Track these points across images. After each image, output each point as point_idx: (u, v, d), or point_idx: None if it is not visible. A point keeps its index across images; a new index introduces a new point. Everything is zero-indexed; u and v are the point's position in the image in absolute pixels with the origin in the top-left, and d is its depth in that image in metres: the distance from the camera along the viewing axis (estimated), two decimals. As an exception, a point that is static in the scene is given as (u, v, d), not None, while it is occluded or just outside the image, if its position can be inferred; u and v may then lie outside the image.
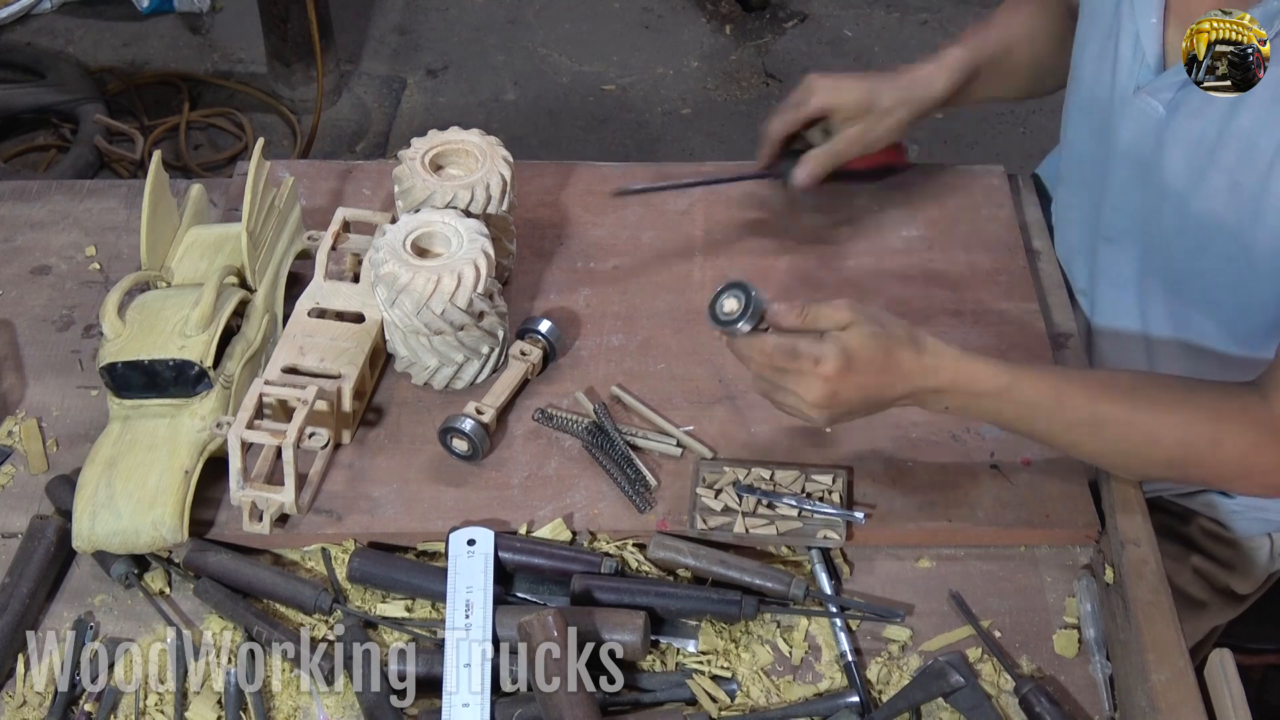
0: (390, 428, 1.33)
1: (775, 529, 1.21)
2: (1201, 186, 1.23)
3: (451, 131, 1.39)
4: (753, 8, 3.73)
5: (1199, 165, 1.22)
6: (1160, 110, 1.24)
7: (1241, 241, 1.21)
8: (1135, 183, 1.31)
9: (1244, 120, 1.17)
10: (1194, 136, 1.22)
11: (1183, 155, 1.23)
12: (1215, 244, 1.24)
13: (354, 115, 3.42)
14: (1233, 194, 1.20)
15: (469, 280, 1.24)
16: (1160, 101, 1.24)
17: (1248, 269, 1.23)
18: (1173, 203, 1.26)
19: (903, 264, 1.49)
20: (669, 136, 3.36)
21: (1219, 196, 1.21)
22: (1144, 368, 1.41)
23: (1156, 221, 1.30)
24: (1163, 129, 1.25)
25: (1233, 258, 1.23)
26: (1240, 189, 1.19)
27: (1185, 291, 1.33)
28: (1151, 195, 1.29)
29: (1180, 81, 1.21)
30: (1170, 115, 1.24)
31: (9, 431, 1.33)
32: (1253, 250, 1.21)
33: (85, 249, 1.52)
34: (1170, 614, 1.16)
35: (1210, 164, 1.21)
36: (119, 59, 3.54)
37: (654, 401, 1.34)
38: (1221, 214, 1.22)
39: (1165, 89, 1.23)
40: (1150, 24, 1.24)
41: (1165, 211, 1.28)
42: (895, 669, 1.15)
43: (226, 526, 1.24)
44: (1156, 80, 1.24)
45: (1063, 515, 1.24)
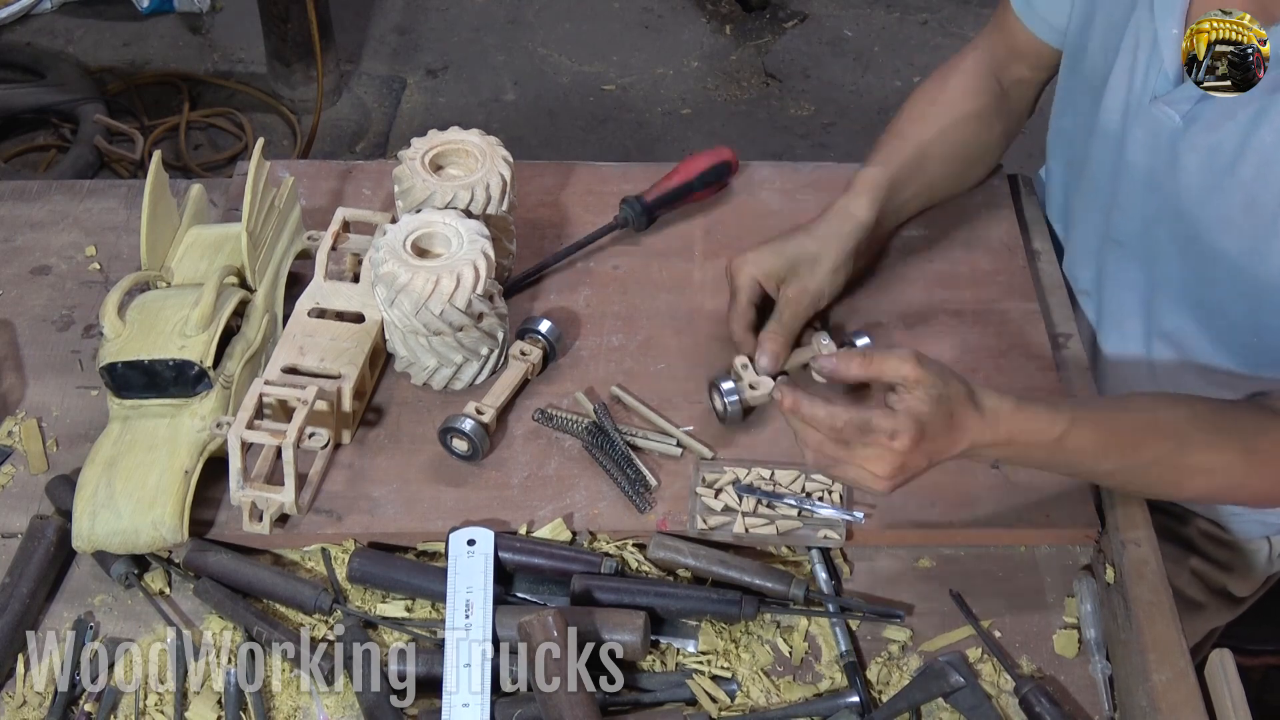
0: (390, 428, 1.33)
1: (775, 529, 1.21)
2: (1216, 200, 1.21)
3: (451, 131, 1.39)
4: (753, 8, 3.73)
5: (1215, 178, 1.20)
6: (1177, 120, 1.22)
7: (1254, 258, 1.20)
8: (1146, 191, 1.29)
9: (1265, 135, 1.14)
10: (1211, 148, 1.19)
11: (1198, 167, 1.21)
12: (1227, 258, 1.22)
13: (354, 115, 3.42)
14: (1248, 211, 1.18)
15: (468, 281, 1.24)
16: (1177, 112, 1.22)
17: (1259, 285, 1.21)
18: (1184, 214, 1.25)
19: (903, 264, 1.49)
20: (669, 136, 3.37)
21: (1234, 211, 1.19)
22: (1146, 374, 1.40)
23: (1166, 231, 1.29)
24: (1178, 139, 1.22)
25: (1244, 273, 1.22)
26: (1257, 205, 1.17)
27: (1191, 302, 1.32)
28: (1163, 205, 1.27)
29: (1199, 94, 1.18)
30: (1187, 126, 1.21)
31: (9, 431, 1.33)
32: (1267, 267, 1.19)
33: (85, 249, 1.52)
34: (1171, 614, 1.16)
35: (1228, 178, 1.18)
36: (119, 59, 3.54)
37: (654, 401, 1.34)
38: (1236, 229, 1.20)
39: (1183, 100, 1.21)
40: (1171, 34, 1.21)
41: (1176, 222, 1.26)
42: (895, 669, 1.15)
43: (226, 526, 1.23)
44: (1175, 91, 1.21)
45: (1063, 515, 1.24)
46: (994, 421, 1.06)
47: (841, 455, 1.06)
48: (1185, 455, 1.13)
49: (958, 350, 1.39)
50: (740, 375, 1.30)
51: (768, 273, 1.32)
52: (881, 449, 1.04)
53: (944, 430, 1.04)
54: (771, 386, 1.29)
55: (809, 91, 3.52)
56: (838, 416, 1.04)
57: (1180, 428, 1.13)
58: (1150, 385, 1.40)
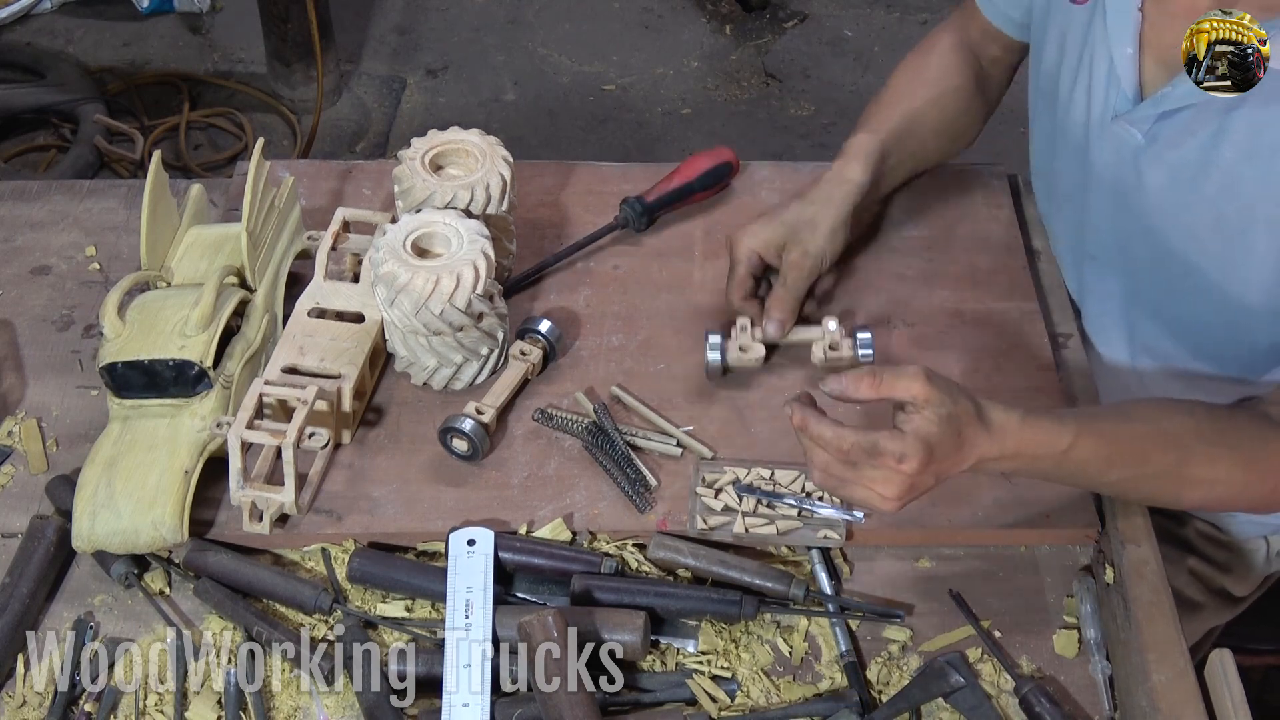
0: (390, 428, 1.33)
1: (775, 529, 1.21)
2: (1183, 215, 1.21)
3: (451, 131, 1.39)
4: (753, 8, 3.73)
5: (1180, 195, 1.20)
6: (1139, 138, 1.22)
7: (1226, 272, 1.20)
8: (1115, 208, 1.30)
9: (1226, 152, 1.15)
10: (1174, 165, 1.20)
11: (1163, 183, 1.22)
12: (1199, 272, 1.23)
13: (354, 115, 3.42)
14: (1216, 226, 1.18)
15: (468, 281, 1.24)
16: (1139, 130, 1.22)
17: (1232, 298, 1.21)
18: (1154, 229, 1.25)
19: (903, 264, 1.49)
20: (669, 136, 3.37)
21: (1201, 227, 1.20)
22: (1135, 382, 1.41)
23: (1138, 246, 1.29)
24: (1141, 155, 1.23)
25: (1216, 287, 1.22)
26: (1223, 221, 1.18)
27: (1166, 315, 1.32)
28: (1132, 221, 1.28)
29: (1157, 114, 1.19)
30: (1149, 144, 1.22)
31: (9, 431, 1.33)
32: (1238, 281, 1.20)
33: (85, 249, 1.52)
34: (1171, 614, 1.16)
35: (1193, 194, 1.19)
36: (119, 59, 3.54)
37: (654, 401, 1.34)
38: (1205, 243, 1.21)
39: (1143, 119, 1.21)
40: (1126, 54, 1.22)
41: (1146, 237, 1.27)
42: (895, 669, 1.15)
43: (226, 526, 1.23)
44: (1134, 110, 1.22)
45: (1063, 515, 1.24)
46: (1001, 437, 1.06)
47: (849, 476, 1.05)
48: (1187, 467, 1.13)
49: (957, 350, 1.39)
50: (734, 335, 1.31)
51: (767, 242, 1.34)
52: (889, 471, 1.03)
53: (952, 450, 1.04)
54: (761, 354, 1.32)
55: (809, 91, 3.52)
56: (845, 438, 1.03)
57: (1183, 439, 1.13)
58: (1140, 391, 1.41)
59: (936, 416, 1.02)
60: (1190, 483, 1.14)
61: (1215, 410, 1.17)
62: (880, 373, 1.04)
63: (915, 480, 1.03)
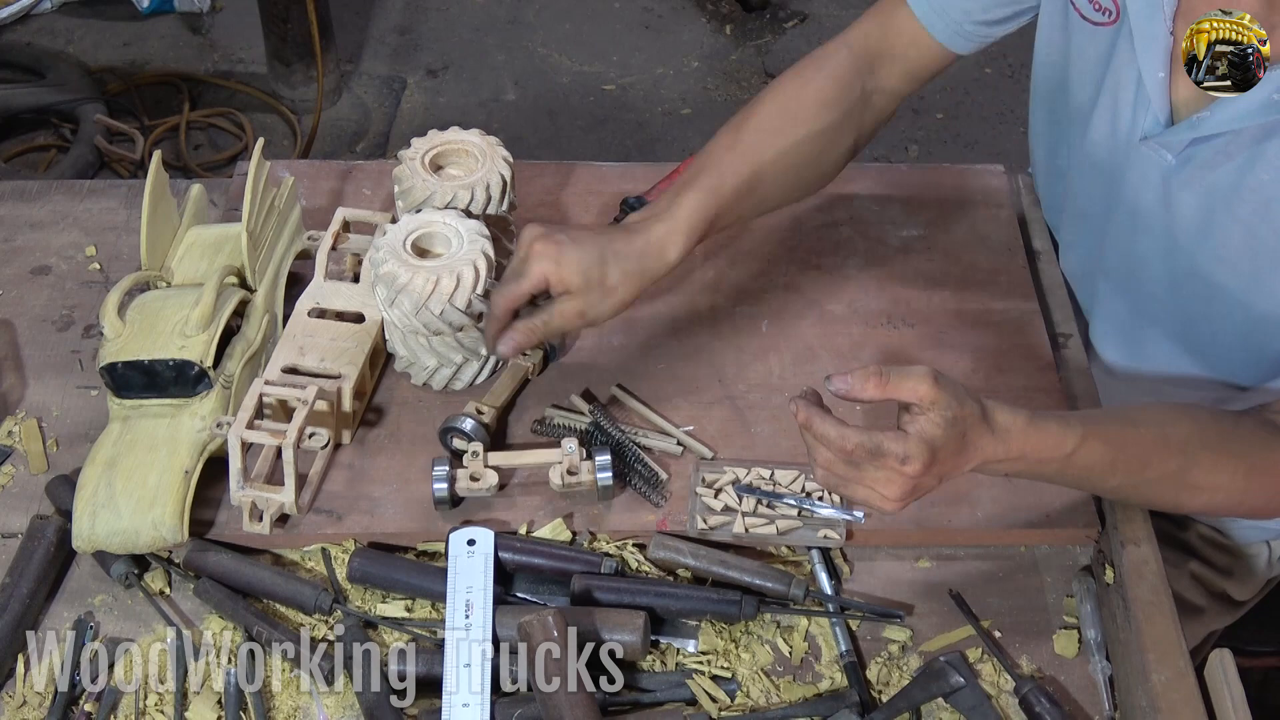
0: (390, 428, 1.33)
1: (775, 529, 1.21)
2: (1213, 236, 1.19)
3: (451, 131, 1.39)
4: (753, 8, 3.73)
5: (1212, 216, 1.19)
6: (1170, 159, 1.20)
7: (1254, 292, 1.19)
8: (1137, 228, 1.28)
9: (1263, 174, 1.13)
10: (1207, 188, 1.18)
11: (1194, 205, 1.20)
12: (1224, 292, 1.21)
13: (354, 115, 3.42)
14: (1248, 246, 1.17)
15: (468, 281, 1.24)
16: (1170, 152, 1.20)
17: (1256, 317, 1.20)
18: (1180, 249, 1.24)
19: (903, 264, 1.49)
20: (669, 136, 3.37)
21: (1232, 248, 1.18)
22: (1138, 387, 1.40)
23: (1156, 265, 1.28)
24: (1171, 177, 1.21)
25: (1242, 307, 1.21)
26: (1257, 241, 1.16)
27: (1180, 334, 1.32)
28: (1153, 240, 1.26)
29: (1190, 138, 1.17)
30: (1181, 166, 1.19)
31: (9, 431, 1.33)
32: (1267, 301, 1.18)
33: (85, 249, 1.52)
34: (1171, 614, 1.16)
35: (1225, 215, 1.17)
36: (119, 59, 3.54)
37: (654, 401, 1.34)
38: (1234, 264, 1.19)
39: (1176, 143, 1.19)
40: (1158, 78, 1.18)
41: (1169, 257, 1.25)
42: (895, 669, 1.15)
43: (226, 526, 1.23)
44: (1166, 134, 1.19)
45: (1063, 515, 1.24)
46: (1006, 439, 1.05)
47: (851, 475, 1.05)
48: (1190, 473, 1.13)
49: (957, 350, 1.39)
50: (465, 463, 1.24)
51: (561, 277, 1.22)
52: (892, 472, 1.03)
53: (955, 452, 1.04)
54: (494, 482, 1.22)
55: (809, 92, 3.52)
56: (849, 438, 1.02)
57: (1187, 445, 1.13)
58: (1144, 395, 1.40)
59: (941, 419, 1.02)
60: (1193, 488, 1.14)
61: (1220, 416, 1.16)
62: (887, 372, 1.03)
63: (918, 482, 1.03)
